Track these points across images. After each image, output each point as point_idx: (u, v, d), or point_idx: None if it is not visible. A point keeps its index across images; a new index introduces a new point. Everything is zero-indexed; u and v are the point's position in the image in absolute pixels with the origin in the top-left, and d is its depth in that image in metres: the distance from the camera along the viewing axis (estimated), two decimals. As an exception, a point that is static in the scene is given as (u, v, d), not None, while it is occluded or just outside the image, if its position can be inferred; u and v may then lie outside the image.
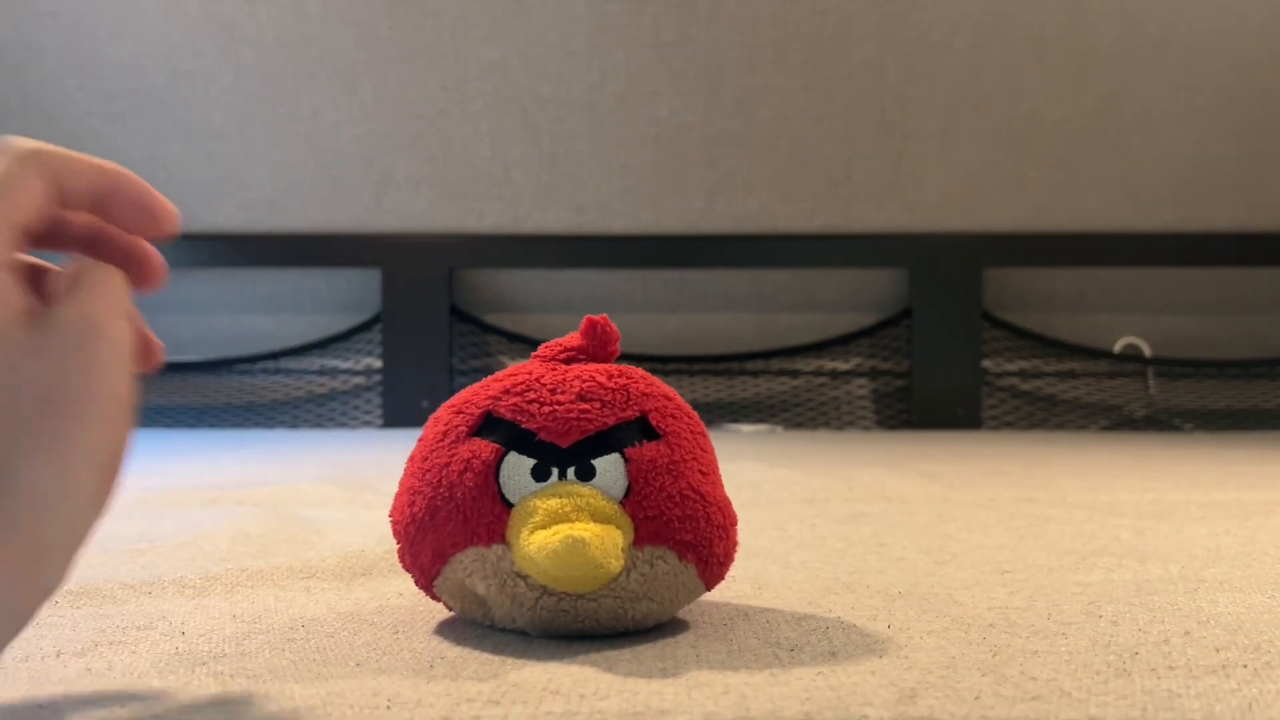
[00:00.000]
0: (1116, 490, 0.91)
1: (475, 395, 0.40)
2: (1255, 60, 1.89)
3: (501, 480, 0.37)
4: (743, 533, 0.65)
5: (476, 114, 1.97)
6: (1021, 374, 2.04)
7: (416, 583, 0.40)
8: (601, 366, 0.40)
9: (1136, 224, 2.00)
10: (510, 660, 0.35)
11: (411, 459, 0.40)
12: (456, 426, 0.39)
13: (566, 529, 0.35)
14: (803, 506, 0.81)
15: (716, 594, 0.47)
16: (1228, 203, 2.00)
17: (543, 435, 0.37)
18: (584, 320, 0.41)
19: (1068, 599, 0.45)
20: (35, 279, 0.28)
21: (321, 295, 2.08)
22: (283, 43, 1.92)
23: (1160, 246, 2.00)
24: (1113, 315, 2.05)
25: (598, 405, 0.38)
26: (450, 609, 0.40)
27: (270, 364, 2.07)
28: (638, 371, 0.40)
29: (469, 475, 0.37)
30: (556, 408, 0.38)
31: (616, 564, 0.35)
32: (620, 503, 0.37)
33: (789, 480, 0.99)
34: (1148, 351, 2.03)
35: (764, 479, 1.00)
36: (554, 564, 0.34)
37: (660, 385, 0.41)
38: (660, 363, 2.04)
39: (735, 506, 0.42)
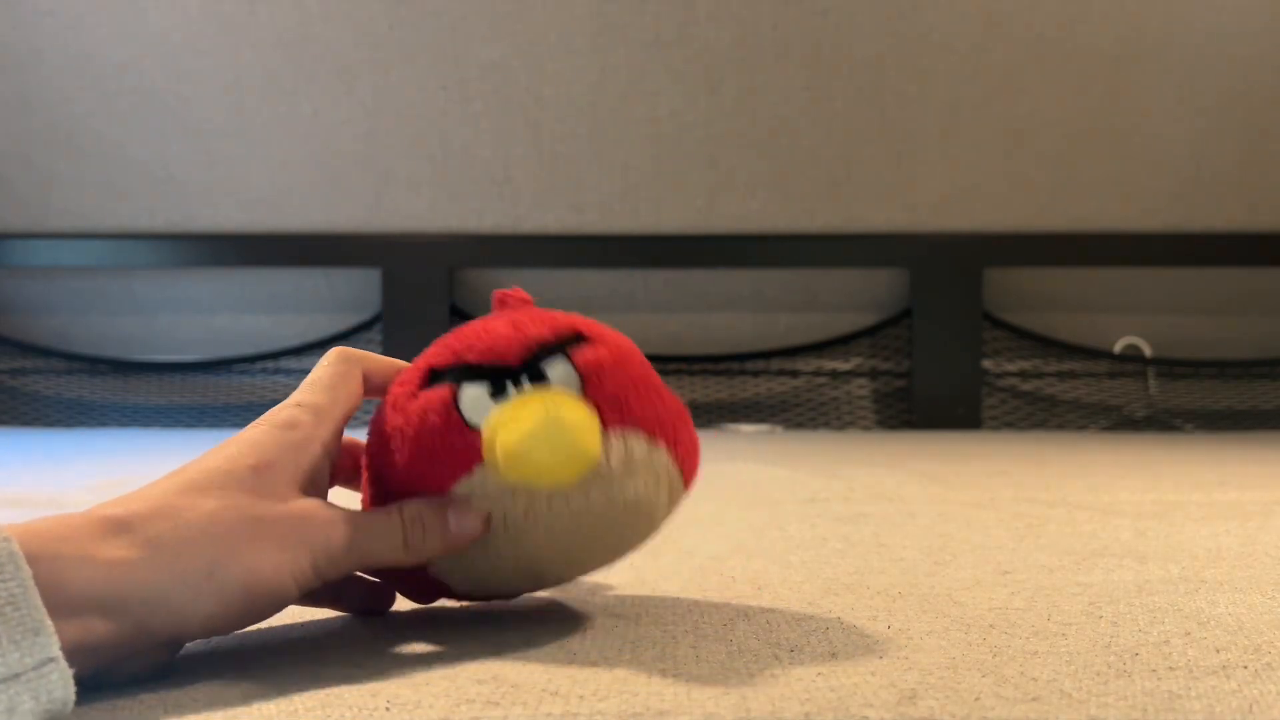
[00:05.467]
0: (1117, 491, 0.91)
1: (410, 369, 0.40)
2: (1255, 60, 1.89)
3: (464, 413, 0.37)
4: (744, 533, 0.65)
5: (476, 114, 1.97)
6: (1022, 374, 2.04)
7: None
8: (522, 310, 0.41)
9: (1136, 224, 2.00)
10: (510, 661, 0.35)
11: (367, 451, 0.41)
12: (401, 395, 0.39)
13: (539, 407, 0.35)
14: (803, 507, 0.81)
15: (716, 594, 0.47)
16: (1228, 203, 1.99)
17: (490, 360, 0.38)
18: (494, 295, 0.42)
19: (1068, 600, 0.45)
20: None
21: (321, 295, 2.08)
22: (283, 43, 1.92)
23: (1160, 246, 2.00)
24: (1113, 315, 2.05)
25: (532, 327, 0.39)
26: (454, 589, 0.40)
27: (270, 364, 2.07)
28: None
29: (431, 417, 0.37)
30: (494, 338, 0.38)
31: (594, 440, 0.35)
32: (579, 394, 0.37)
33: (789, 480, 0.98)
34: (1148, 352, 2.03)
35: (764, 479, 0.99)
36: (534, 444, 0.34)
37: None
38: (660, 363, 2.03)
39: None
